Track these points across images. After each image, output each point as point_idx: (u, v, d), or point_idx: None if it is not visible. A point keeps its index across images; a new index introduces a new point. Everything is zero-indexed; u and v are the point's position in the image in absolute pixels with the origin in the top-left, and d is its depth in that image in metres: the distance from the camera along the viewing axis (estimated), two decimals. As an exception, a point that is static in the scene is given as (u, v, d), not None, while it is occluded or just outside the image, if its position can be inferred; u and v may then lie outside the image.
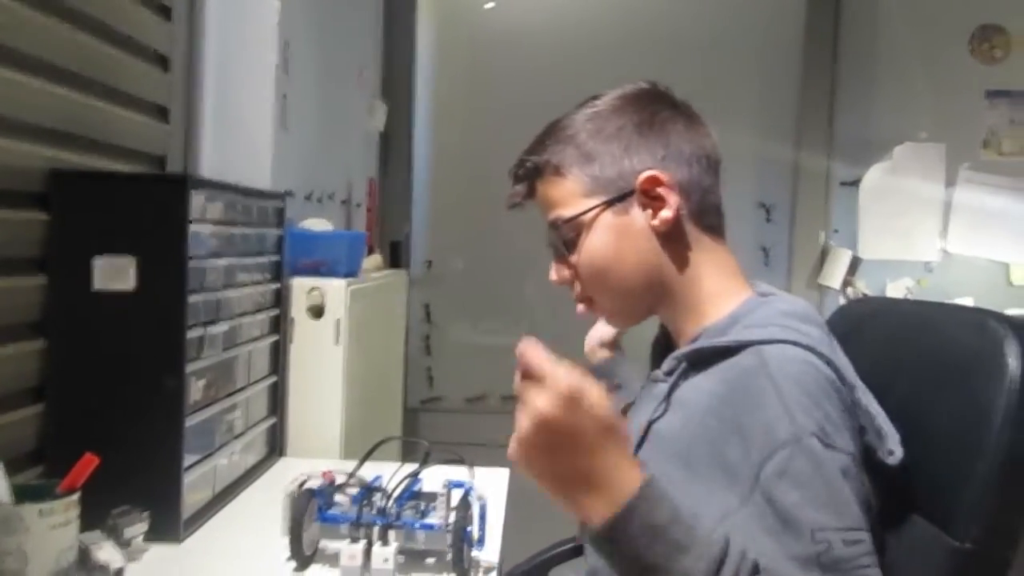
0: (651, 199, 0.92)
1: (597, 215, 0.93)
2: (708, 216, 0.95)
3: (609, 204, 0.92)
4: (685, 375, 0.91)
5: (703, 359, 0.89)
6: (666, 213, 0.92)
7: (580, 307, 1.01)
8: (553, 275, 1.00)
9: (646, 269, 0.94)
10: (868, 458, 0.82)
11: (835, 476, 0.75)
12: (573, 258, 0.95)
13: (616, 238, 0.93)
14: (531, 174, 0.98)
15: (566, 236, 0.95)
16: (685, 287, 0.94)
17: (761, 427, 0.77)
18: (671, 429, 0.88)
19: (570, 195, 0.94)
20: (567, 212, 0.94)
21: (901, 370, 0.97)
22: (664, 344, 1.04)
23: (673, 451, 0.86)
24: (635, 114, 0.94)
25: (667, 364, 0.93)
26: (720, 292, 0.94)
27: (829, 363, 0.82)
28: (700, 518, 0.74)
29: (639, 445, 0.91)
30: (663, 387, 0.92)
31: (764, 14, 2.60)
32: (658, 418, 0.91)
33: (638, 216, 0.93)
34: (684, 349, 0.91)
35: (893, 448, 0.83)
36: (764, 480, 0.75)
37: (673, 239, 0.93)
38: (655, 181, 0.91)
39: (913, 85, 2.54)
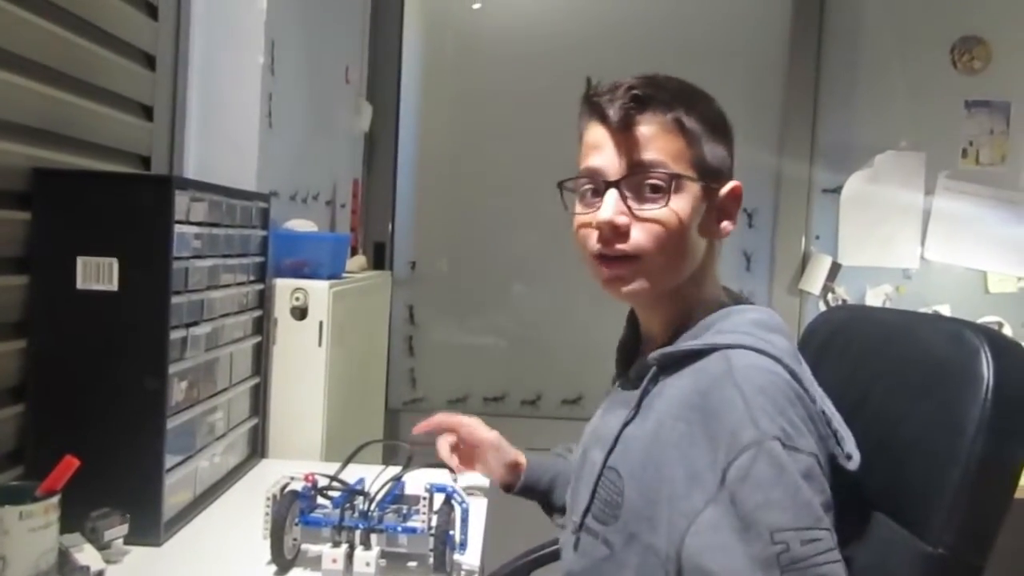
0: (724, 205, 0.94)
1: (699, 189, 0.91)
2: None
3: (706, 187, 0.92)
4: (655, 379, 0.92)
5: (673, 362, 0.90)
6: (729, 226, 0.95)
7: (622, 252, 0.90)
8: (614, 214, 0.89)
9: (694, 258, 0.94)
10: (830, 464, 0.84)
11: (795, 478, 0.77)
12: (649, 209, 0.89)
13: (695, 217, 0.92)
14: (651, 105, 0.90)
15: (662, 185, 0.89)
16: (694, 290, 0.96)
17: (727, 431, 0.80)
18: (643, 434, 0.89)
19: (679, 154, 0.90)
20: (675, 167, 0.90)
21: (878, 377, 0.98)
22: (631, 347, 1.04)
23: (645, 455, 0.87)
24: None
25: (637, 368, 0.95)
26: (707, 301, 0.96)
27: (792, 373, 0.84)
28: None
29: (611, 449, 0.92)
30: (634, 392, 0.93)
31: (749, 22, 2.61)
32: (629, 422, 0.92)
33: (708, 213, 0.93)
34: (655, 353, 0.92)
35: (851, 452, 0.85)
36: (729, 482, 0.78)
37: (713, 248, 0.96)
38: (738, 194, 0.95)
39: (894, 94, 2.57)
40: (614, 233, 0.89)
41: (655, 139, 0.89)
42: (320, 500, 1.08)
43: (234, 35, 1.58)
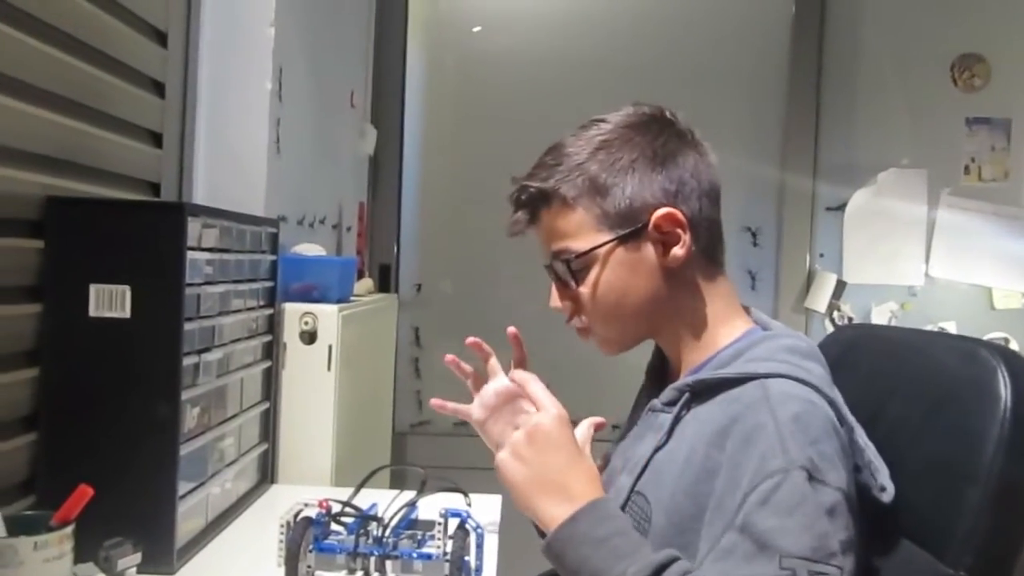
0: (663, 235, 0.92)
1: (610, 251, 0.92)
2: (713, 249, 0.97)
3: (622, 240, 0.92)
4: (687, 405, 0.91)
5: (706, 390, 0.90)
6: (679, 251, 0.92)
7: (576, 326, 1.00)
8: (554, 302, 0.99)
9: (653, 303, 0.94)
10: (862, 495, 0.83)
11: (815, 511, 0.76)
12: (580, 289, 0.95)
13: (628, 274, 0.93)
14: (535, 202, 0.95)
15: (575, 268, 0.94)
16: (689, 319, 0.95)
17: (756, 456, 0.79)
18: (674, 460, 0.88)
19: (579, 228, 0.93)
20: (578, 245, 0.93)
21: (892, 397, 0.98)
22: (660, 369, 1.04)
23: (676, 481, 0.86)
24: (647, 146, 0.92)
25: (668, 394, 0.93)
26: (722, 324, 0.95)
27: (832, 403, 0.84)
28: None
29: (640, 475, 0.92)
30: (666, 417, 0.92)
31: (750, 42, 2.64)
32: (660, 448, 0.91)
33: (649, 252, 0.92)
34: (687, 380, 0.92)
35: (885, 485, 0.85)
36: (747, 506, 0.77)
37: (681, 274, 0.94)
38: (670, 218, 0.91)
39: (896, 112, 2.58)
40: (565, 314, 0.99)
41: (554, 227, 0.95)
42: (334, 526, 1.07)
43: (242, 62, 1.59)
